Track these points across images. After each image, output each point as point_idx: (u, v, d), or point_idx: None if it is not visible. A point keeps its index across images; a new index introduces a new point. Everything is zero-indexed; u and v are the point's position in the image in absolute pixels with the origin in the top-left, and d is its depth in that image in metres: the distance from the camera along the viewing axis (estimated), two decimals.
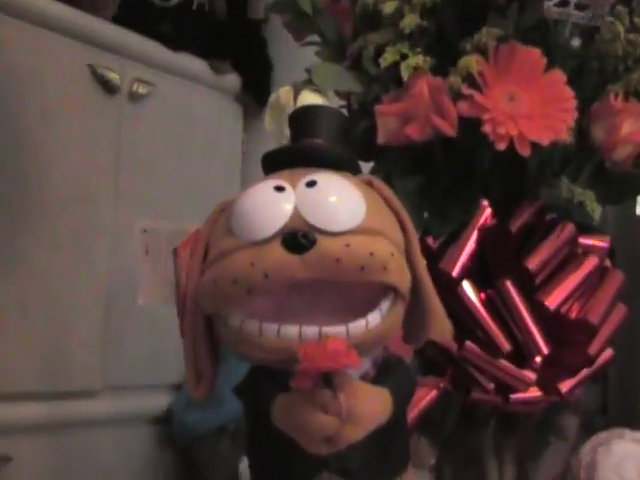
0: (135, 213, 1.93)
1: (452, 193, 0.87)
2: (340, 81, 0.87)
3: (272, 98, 0.89)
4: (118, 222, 1.92)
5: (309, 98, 0.85)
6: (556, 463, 0.90)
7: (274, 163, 0.72)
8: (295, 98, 0.86)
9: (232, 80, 2.25)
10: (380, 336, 0.66)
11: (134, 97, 1.98)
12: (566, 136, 0.84)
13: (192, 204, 1.91)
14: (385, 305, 0.66)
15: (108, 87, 1.92)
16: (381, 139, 0.85)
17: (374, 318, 0.65)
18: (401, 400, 0.68)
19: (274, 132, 0.88)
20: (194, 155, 2.11)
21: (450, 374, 0.85)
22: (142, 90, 1.99)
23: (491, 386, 0.83)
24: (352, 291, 0.67)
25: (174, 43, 2.10)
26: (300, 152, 0.72)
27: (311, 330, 0.64)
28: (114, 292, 1.93)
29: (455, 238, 0.85)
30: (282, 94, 0.87)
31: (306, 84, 0.86)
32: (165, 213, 1.94)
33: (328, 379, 0.64)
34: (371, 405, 0.65)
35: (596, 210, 0.82)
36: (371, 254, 0.64)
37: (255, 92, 2.26)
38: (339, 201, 0.67)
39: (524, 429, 0.90)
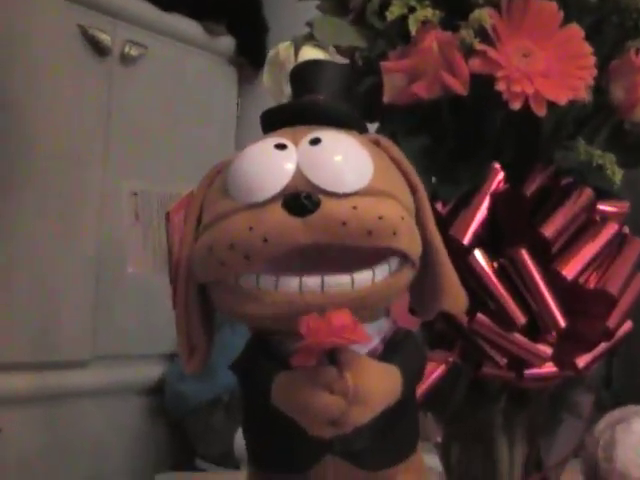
0: (125, 178, 1.88)
1: (461, 155, 0.82)
2: (343, 36, 0.82)
3: (271, 54, 0.83)
4: (107, 187, 1.87)
5: (310, 54, 0.80)
6: (569, 441, 0.85)
7: (274, 121, 0.67)
8: (296, 54, 0.80)
9: (226, 42, 2.20)
10: (387, 293, 0.62)
11: (125, 59, 1.93)
12: (585, 95, 0.79)
13: (185, 169, 1.87)
14: (394, 263, 0.61)
15: (99, 48, 1.87)
16: (387, 98, 0.80)
17: (382, 271, 0.61)
18: (411, 378, 0.63)
19: (272, 90, 0.83)
20: (187, 119, 2.06)
21: (459, 348, 0.80)
22: (134, 52, 1.94)
23: (504, 361, 0.78)
24: (357, 257, 0.62)
25: (166, 4, 2.04)
26: (302, 109, 0.66)
27: (312, 280, 0.59)
28: (104, 259, 1.89)
29: (465, 203, 0.80)
30: (281, 50, 0.81)
31: (307, 39, 0.81)
32: (157, 178, 1.89)
33: (333, 356, 0.59)
34: (380, 384, 0.60)
35: (617, 173, 0.77)
36: (380, 217, 0.59)
37: (250, 55, 2.22)
38: (345, 160, 0.62)
39: (536, 405, 0.85)
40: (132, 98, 1.94)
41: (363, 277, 0.60)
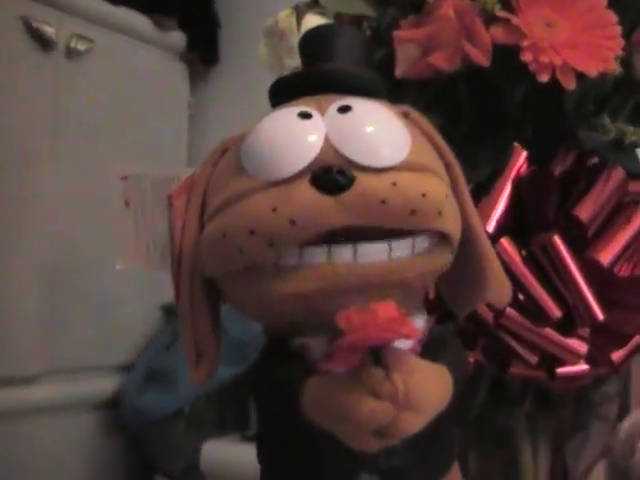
0: (76, 178, 1.78)
1: (478, 135, 0.75)
2: (350, 3, 0.74)
3: (268, 24, 0.75)
4: (58, 188, 1.77)
5: (315, 23, 0.72)
6: (596, 445, 0.79)
7: (286, 93, 0.59)
8: (298, 23, 0.72)
9: (177, 38, 2.10)
10: (427, 268, 0.54)
11: (72, 54, 1.82)
12: (615, 66, 0.72)
13: (144, 168, 1.78)
14: (433, 241, 0.54)
15: (43, 42, 1.76)
16: (400, 71, 0.73)
17: (421, 243, 0.53)
18: (460, 380, 0.55)
19: (271, 64, 0.75)
20: (138, 117, 1.97)
21: (483, 346, 0.73)
22: (80, 46, 1.84)
23: (535, 359, 0.71)
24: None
25: None
26: (324, 75, 0.58)
27: (343, 248, 0.51)
28: (57, 266, 1.78)
29: (486, 187, 0.73)
30: (281, 19, 0.73)
31: (310, 7, 0.73)
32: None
33: (377, 355, 0.50)
34: (432, 386, 0.51)
35: None
36: (423, 195, 0.51)
37: (202, 51, 2.13)
38: (380, 130, 0.54)
39: (562, 408, 0.78)
40: (80, 94, 1.83)
41: (401, 246, 0.52)
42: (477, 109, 0.75)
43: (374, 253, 0.51)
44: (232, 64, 2.12)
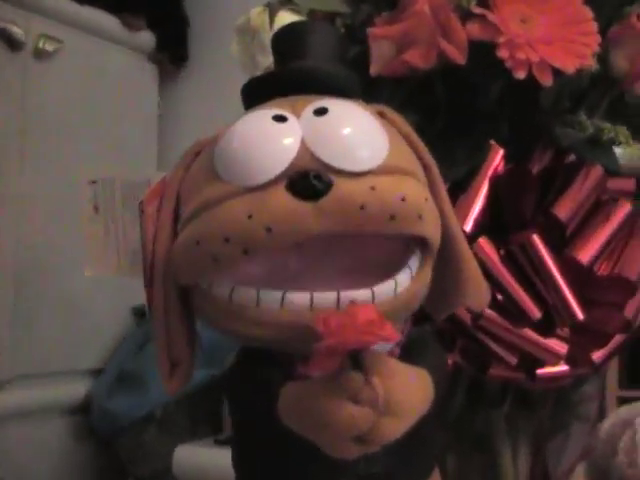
0: (43, 180, 1.76)
1: (454, 133, 0.74)
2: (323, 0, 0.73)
3: (240, 21, 0.73)
4: (26, 190, 1.74)
5: (288, 20, 0.70)
6: (577, 446, 0.78)
7: (259, 94, 0.57)
8: (271, 20, 0.70)
9: (146, 38, 2.09)
10: (410, 301, 0.53)
11: (40, 54, 1.80)
12: (591, 62, 0.71)
13: (114, 172, 1.75)
14: (414, 262, 0.52)
15: (11, 42, 1.74)
16: (374, 69, 0.71)
17: (404, 279, 0.52)
18: (440, 382, 0.54)
19: (243, 62, 0.73)
20: (107, 117, 1.95)
21: (461, 348, 0.72)
22: (49, 47, 1.82)
23: (514, 360, 0.70)
24: (369, 248, 0.53)
25: None
26: (298, 74, 0.57)
27: (326, 297, 0.49)
28: (24, 269, 1.76)
29: (463, 186, 0.72)
30: (253, 16, 0.72)
31: (283, 4, 0.71)
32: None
33: (356, 359, 0.49)
34: (412, 390, 0.50)
35: (634, 147, 0.69)
36: (403, 199, 0.50)
37: (171, 51, 2.12)
38: (358, 133, 0.52)
39: (541, 409, 0.77)
40: (48, 95, 1.81)
41: (384, 290, 0.51)
42: (453, 107, 0.74)
43: (357, 299, 0.50)
44: (202, 64, 2.11)
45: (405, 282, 0.52)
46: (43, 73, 1.81)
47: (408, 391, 0.49)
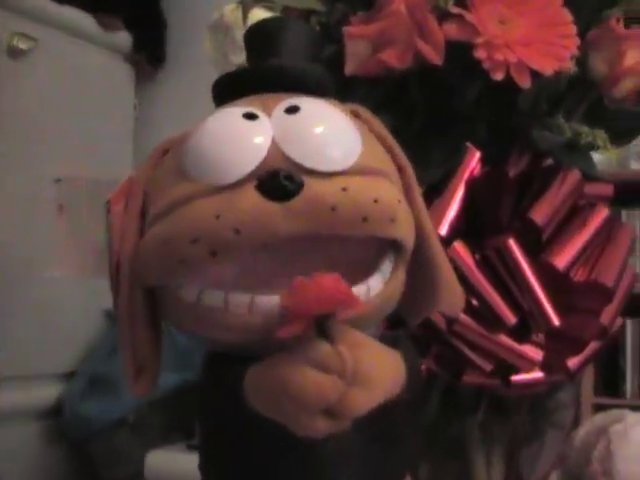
0: (16, 181, 1.73)
1: (431, 135, 0.73)
2: None
3: (213, 19, 0.72)
4: None
5: (261, 17, 0.69)
6: (551, 454, 0.77)
7: (229, 91, 0.56)
8: (244, 18, 0.69)
9: (123, 38, 2.07)
10: (383, 306, 0.51)
11: (14, 53, 1.78)
12: (570, 64, 0.70)
13: (81, 171, 1.73)
14: (386, 266, 0.51)
15: None
16: (350, 68, 0.70)
17: (376, 283, 0.50)
18: (413, 381, 0.52)
19: (216, 60, 0.71)
20: (82, 118, 1.92)
21: (435, 354, 0.70)
22: (23, 45, 1.79)
23: (489, 367, 0.68)
24: (341, 250, 0.52)
25: None
26: (271, 71, 0.55)
27: None
28: None
29: (439, 189, 0.71)
30: (227, 13, 0.70)
31: (257, 1, 0.70)
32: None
33: (322, 327, 0.46)
34: (382, 362, 0.48)
35: (611, 151, 0.69)
36: (375, 201, 0.49)
37: (148, 52, 2.10)
38: (330, 132, 0.51)
39: (516, 416, 0.76)
40: (22, 94, 1.79)
41: (356, 293, 0.49)
42: (429, 108, 0.73)
43: None
44: (179, 65, 2.09)
45: (377, 286, 0.51)
46: (17, 72, 1.79)
47: (378, 362, 0.48)
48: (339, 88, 0.71)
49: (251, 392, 0.47)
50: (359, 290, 0.49)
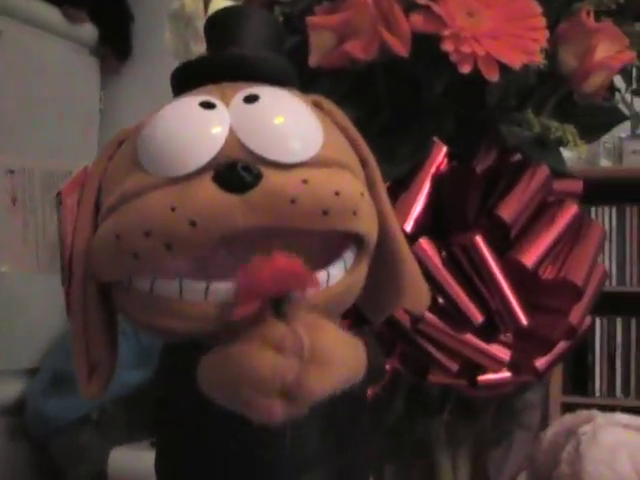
0: None
1: (396, 129, 0.71)
2: None
3: (174, 8, 0.70)
4: None
5: (222, 6, 0.67)
6: (519, 456, 0.75)
7: (188, 81, 0.54)
8: (205, 7, 0.67)
9: (88, 31, 2.04)
10: (343, 295, 0.50)
11: None
12: (539, 58, 0.69)
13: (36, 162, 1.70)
14: (348, 257, 0.49)
15: None
16: (314, 60, 0.68)
17: (337, 271, 0.49)
18: (375, 366, 0.51)
19: (176, 50, 0.69)
20: (46, 111, 1.90)
21: (400, 353, 0.69)
22: None
23: (455, 367, 0.67)
24: (300, 243, 0.50)
25: None
26: (230, 60, 0.53)
27: None
28: None
29: (404, 185, 0.69)
30: (187, 3, 0.68)
31: None
32: None
33: (278, 307, 0.45)
34: (342, 343, 0.46)
35: (581, 146, 0.67)
36: (337, 193, 0.47)
37: (114, 44, 2.07)
38: (290, 122, 0.49)
39: (483, 416, 0.74)
40: None
41: None
42: (395, 101, 0.71)
43: None
44: (144, 57, 2.06)
45: (338, 275, 0.49)
46: None
47: (337, 343, 0.45)
48: (302, 80, 0.69)
49: (205, 378, 0.45)
50: (319, 277, 0.48)
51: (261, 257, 0.45)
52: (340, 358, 0.45)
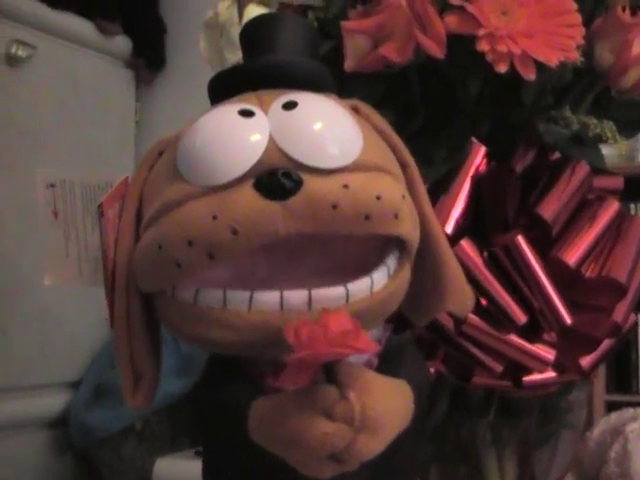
0: (15, 190, 1.72)
1: (433, 131, 0.71)
2: None
3: (208, 17, 0.70)
4: None
5: (257, 14, 0.67)
6: (566, 455, 0.74)
7: (225, 89, 0.54)
8: (240, 15, 0.67)
9: (122, 43, 2.05)
10: (387, 301, 0.50)
11: (13, 60, 1.76)
12: (576, 55, 0.68)
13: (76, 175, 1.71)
14: (391, 262, 0.49)
15: None
16: (349, 64, 0.68)
17: (380, 277, 0.49)
18: (421, 395, 0.51)
19: (211, 59, 0.70)
20: (82, 125, 1.91)
21: (443, 355, 0.68)
22: (22, 53, 1.78)
23: (499, 368, 0.66)
24: (342, 248, 0.50)
25: (54, 1, 1.88)
26: (267, 68, 0.54)
27: (297, 295, 0.46)
28: None
29: (444, 186, 0.69)
30: (221, 11, 0.68)
31: None
32: None
33: (330, 372, 0.46)
34: (391, 405, 0.47)
35: (620, 143, 0.66)
36: (378, 198, 0.47)
37: (148, 56, 2.08)
38: (329, 128, 0.49)
39: (528, 417, 0.74)
40: (21, 102, 1.78)
41: (359, 288, 0.48)
42: (431, 104, 0.71)
43: (329, 299, 0.47)
44: (179, 68, 2.07)
45: (382, 280, 0.49)
46: (15, 80, 1.77)
47: (386, 406, 0.46)
48: (338, 85, 0.69)
49: (256, 430, 0.47)
50: (363, 284, 0.48)
51: (307, 321, 0.44)
52: (390, 421, 0.46)
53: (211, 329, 0.48)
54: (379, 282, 0.49)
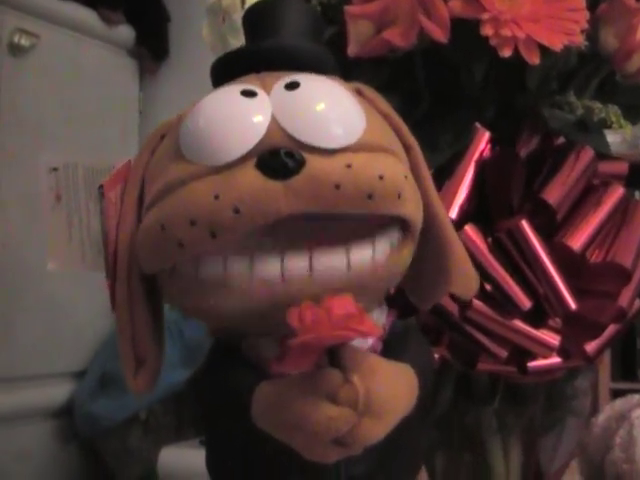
0: (19, 178, 1.72)
1: (437, 117, 0.70)
2: None
3: (211, 2, 0.70)
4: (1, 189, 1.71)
5: None
6: (571, 442, 0.74)
7: (228, 71, 0.54)
8: (242, 0, 0.67)
9: (125, 32, 2.05)
10: (390, 272, 0.50)
11: (16, 49, 1.76)
12: (580, 39, 0.68)
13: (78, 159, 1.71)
14: (394, 234, 0.49)
15: None
16: (353, 49, 0.68)
17: (383, 247, 0.48)
18: (425, 379, 0.51)
19: (214, 45, 0.69)
20: (86, 115, 1.91)
21: (448, 341, 0.68)
22: (25, 42, 1.78)
23: (504, 354, 0.66)
24: (344, 227, 0.50)
25: None
26: (270, 51, 0.53)
27: (297, 261, 0.47)
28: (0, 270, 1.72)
29: (448, 171, 0.68)
30: None
31: None
32: None
33: (334, 356, 0.45)
34: (395, 389, 0.46)
35: (625, 127, 0.66)
36: (380, 177, 0.47)
37: (151, 45, 2.08)
38: (332, 108, 0.49)
39: (533, 404, 0.74)
40: (24, 91, 1.77)
41: (361, 254, 0.48)
42: (435, 88, 0.71)
43: (331, 266, 0.47)
44: (182, 57, 2.07)
45: (384, 250, 0.49)
46: (18, 69, 1.77)
47: (390, 390, 0.46)
48: (342, 71, 0.69)
49: (259, 415, 0.46)
50: (365, 251, 0.48)
51: (311, 304, 0.44)
52: (394, 405, 0.46)
53: (213, 296, 0.48)
54: (381, 251, 0.49)
